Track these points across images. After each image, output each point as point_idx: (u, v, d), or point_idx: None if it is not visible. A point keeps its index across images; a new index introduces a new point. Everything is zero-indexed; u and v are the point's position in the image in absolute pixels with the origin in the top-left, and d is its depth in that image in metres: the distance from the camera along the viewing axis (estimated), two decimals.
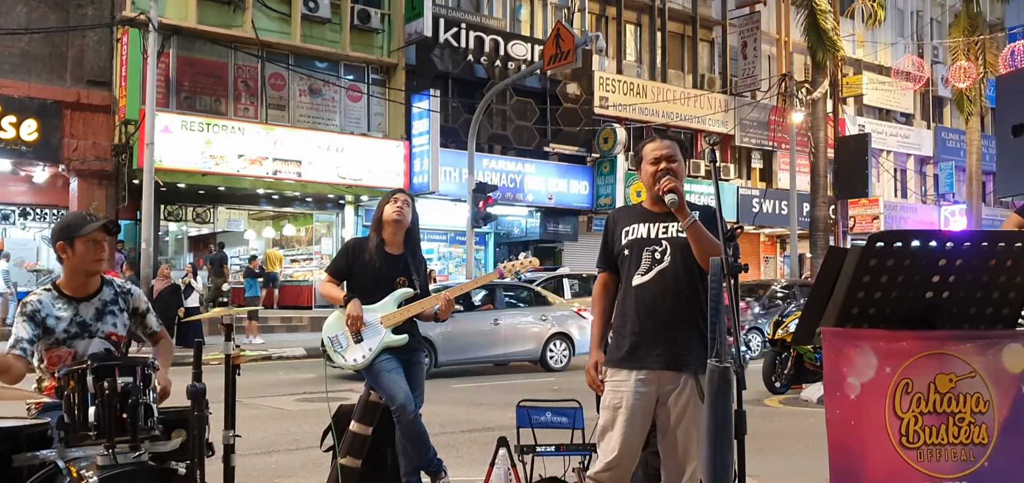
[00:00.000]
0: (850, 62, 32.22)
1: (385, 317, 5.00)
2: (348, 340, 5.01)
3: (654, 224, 3.60)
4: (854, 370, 2.73)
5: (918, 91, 35.42)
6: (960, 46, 29.25)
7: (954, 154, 36.53)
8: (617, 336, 3.58)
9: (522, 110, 25.18)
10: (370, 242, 5.12)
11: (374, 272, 5.04)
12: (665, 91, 28.55)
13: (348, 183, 21.32)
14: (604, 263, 3.74)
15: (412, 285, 5.10)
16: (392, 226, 5.09)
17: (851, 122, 32.70)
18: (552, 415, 5.38)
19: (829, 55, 25.58)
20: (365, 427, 5.03)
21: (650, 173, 3.58)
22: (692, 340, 3.49)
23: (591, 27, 26.84)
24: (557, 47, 20.19)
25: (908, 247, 2.71)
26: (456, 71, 23.88)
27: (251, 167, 20.05)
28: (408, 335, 5.03)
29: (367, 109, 22.66)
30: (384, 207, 5.13)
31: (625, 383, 3.50)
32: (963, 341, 2.81)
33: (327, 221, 23.42)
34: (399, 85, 22.64)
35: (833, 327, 2.79)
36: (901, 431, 2.72)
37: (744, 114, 30.19)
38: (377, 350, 4.96)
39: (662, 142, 3.62)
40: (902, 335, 2.78)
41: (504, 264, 5.28)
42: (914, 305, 2.80)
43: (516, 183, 24.48)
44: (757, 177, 32.12)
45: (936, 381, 2.76)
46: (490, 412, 9.94)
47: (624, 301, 3.57)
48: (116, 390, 3.06)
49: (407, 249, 5.16)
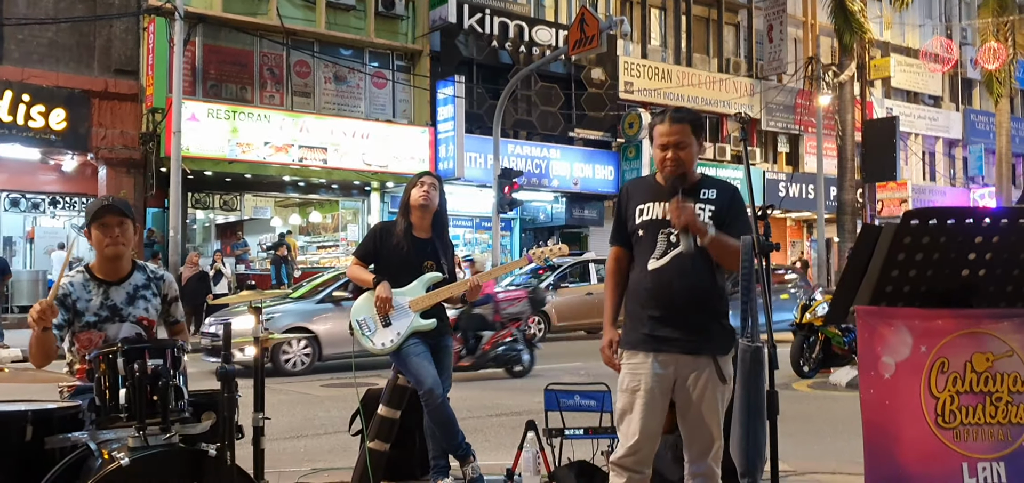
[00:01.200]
0: (877, 44, 31.79)
1: (414, 301, 4.99)
2: (376, 324, 5.01)
3: (668, 203, 3.50)
4: (889, 349, 2.68)
5: (947, 73, 34.92)
6: (989, 27, 28.78)
7: (983, 137, 35.99)
8: (633, 319, 3.54)
9: (547, 95, 25.10)
10: (397, 226, 5.11)
11: (402, 256, 5.03)
12: (690, 75, 28.34)
13: (374, 170, 21.36)
14: (618, 239, 3.67)
15: (440, 269, 5.09)
16: (419, 210, 5.08)
17: (879, 105, 32.29)
18: (580, 398, 5.36)
19: (856, 37, 25.25)
20: (393, 411, 5.04)
21: (659, 159, 3.53)
22: (709, 323, 3.47)
23: (615, 11, 26.67)
24: (581, 32, 20.10)
25: (943, 224, 2.66)
26: (481, 57, 23.83)
27: (277, 154, 20.13)
28: (436, 320, 5.03)
29: (392, 96, 22.65)
30: (411, 191, 5.12)
31: (642, 366, 3.47)
32: (1000, 320, 2.77)
33: (353, 208, 23.49)
34: (424, 71, 22.62)
35: (867, 306, 2.74)
36: (937, 411, 2.68)
37: (770, 98, 29.90)
38: (405, 334, 4.95)
39: (672, 125, 3.50)
40: (938, 314, 2.74)
41: (534, 250, 5.26)
42: (950, 283, 2.75)
43: (541, 168, 24.43)
44: (783, 161, 31.82)
45: (972, 360, 2.72)
46: (518, 396, 9.94)
47: (639, 284, 3.52)
48: (147, 372, 3.07)
49: (434, 233, 5.15)
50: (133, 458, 2.97)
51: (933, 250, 2.68)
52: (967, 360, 2.71)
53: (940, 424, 2.68)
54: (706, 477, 3.46)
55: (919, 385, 2.69)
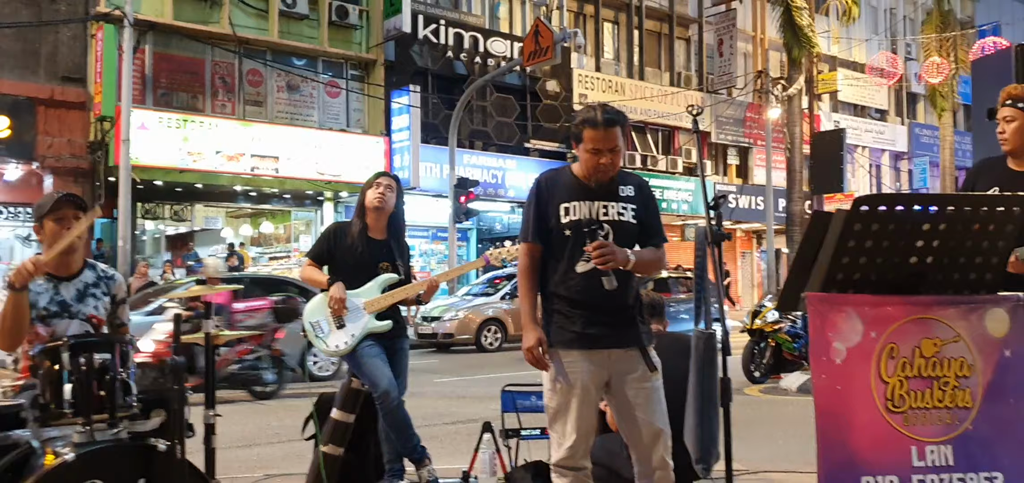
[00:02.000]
0: (825, 59, 32.42)
1: (368, 303, 4.94)
2: (330, 325, 4.95)
3: (594, 203, 3.49)
4: (839, 335, 2.72)
5: (892, 87, 35.73)
6: (933, 43, 29.57)
7: (928, 150, 36.87)
8: (563, 318, 3.49)
9: (503, 106, 25.14)
10: (353, 227, 5.07)
11: (356, 257, 4.98)
12: (642, 88, 28.62)
13: (327, 179, 21.17)
14: (535, 235, 3.57)
15: (396, 270, 5.05)
16: (374, 212, 5.03)
17: (826, 118, 32.90)
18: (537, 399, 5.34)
19: (804, 52, 25.75)
20: (347, 415, 4.98)
21: (590, 163, 3.46)
22: (635, 316, 3.47)
23: (569, 24, 26.84)
24: (536, 44, 20.17)
25: (892, 212, 2.71)
26: (436, 67, 23.80)
27: (229, 164, 19.84)
28: (392, 321, 4.98)
29: (346, 105, 22.48)
30: (367, 192, 5.07)
31: (575, 363, 3.44)
32: (947, 306, 2.82)
33: (306, 218, 23.25)
34: (378, 81, 22.50)
35: (818, 292, 2.78)
36: (887, 395, 2.72)
37: (720, 111, 30.30)
38: (360, 336, 4.90)
39: (605, 130, 3.42)
40: (887, 300, 2.79)
41: (491, 251, 5.25)
42: (899, 270, 2.80)
43: (498, 178, 24.42)
44: (734, 173, 32.26)
45: (921, 346, 2.77)
46: (474, 405, 9.88)
47: (566, 284, 3.48)
48: (93, 367, 3.00)
49: (390, 235, 5.11)
50: (79, 454, 2.89)
51: (882, 238, 2.73)
52: (916, 346, 2.77)
53: (890, 408, 2.72)
54: (660, 469, 3.43)
55: (869, 370, 2.73)
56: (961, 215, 2.76)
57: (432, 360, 14.62)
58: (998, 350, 2.84)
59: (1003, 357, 2.84)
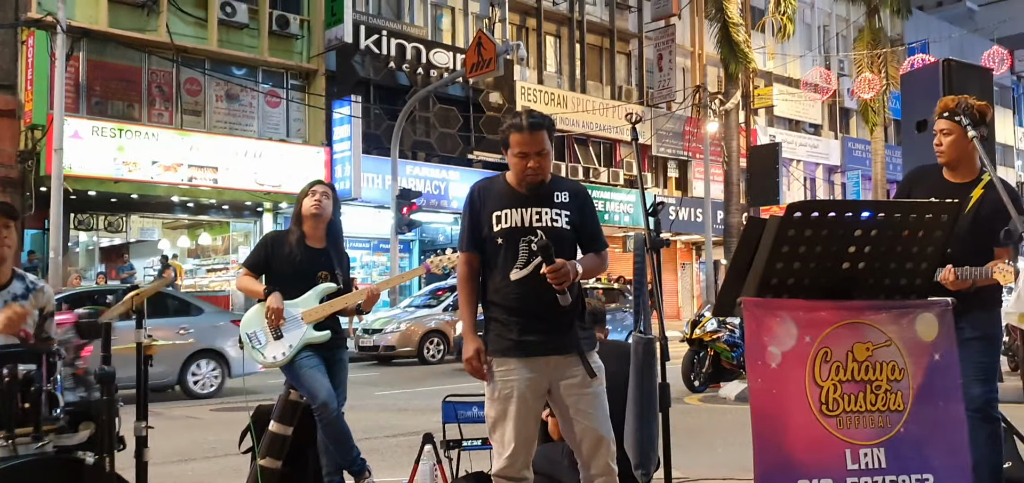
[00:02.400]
0: (761, 74, 33.07)
1: (306, 313, 4.87)
2: (267, 336, 4.86)
3: (527, 210, 3.48)
4: (775, 339, 2.76)
5: (826, 102, 36.59)
6: (864, 59, 30.35)
7: (860, 163, 37.83)
8: (500, 326, 3.49)
9: (445, 117, 25.11)
10: (290, 235, 4.99)
11: (294, 266, 4.90)
12: (584, 101, 28.84)
13: (266, 190, 20.92)
14: (470, 245, 3.58)
15: (334, 279, 4.98)
16: (312, 220, 4.96)
17: (762, 132, 33.56)
18: (479, 409, 5.31)
19: (741, 67, 26.22)
20: (285, 427, 4.89)
21: (518, 168, 3.46)
22: (571, 322, 3.46)
23: (512, 37, 26.97)
24: (479, 56, 20.21)
25: (825, 218, 2.75)
26: (378, 78, 23.71)
27: (165, 174, 19.49)
28: (330, 331, 4.92)
29: (286, 115, 22.31)
30: (302, 200, 5.01)
31: (513, 372, 3.44)
32: (879, 311, 2.88)
33: (244, 230, 22.94)
34: (319, 91, 22.33)
35: (754, 297, 2.81)
36: (821, 399, 2.76)
37: (660, 125, 30.69)
38: (298, 347, 4.83)
39: (532, 134, 3.42)
40: (821, 305, 2.83)
41: (431, 259, 5.20)
42: (831, 275, 2.85)
43: (440, 190, 24.38)
44: (673, 186, 32.67)
45: (854, 350, 2.81)
46: (415, 417, 9.82)
47: (504, 292, 3.48)
48: (17, 378, 2.88)
49: (329, 242, 5.04)
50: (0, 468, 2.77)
51: (815, 243, 2.77)
52: (849, 349, 2.81)
53: (824, 412, 2.76)
54: (604, 475, 3.42)
55: (804, 374, 2.76)
56: (892, 222, 2.81)
57: (373, 373, 14.47)
58: (928, 354, 2.90)
59: (932, 361, 2.90)
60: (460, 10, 26.67)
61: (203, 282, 23.15)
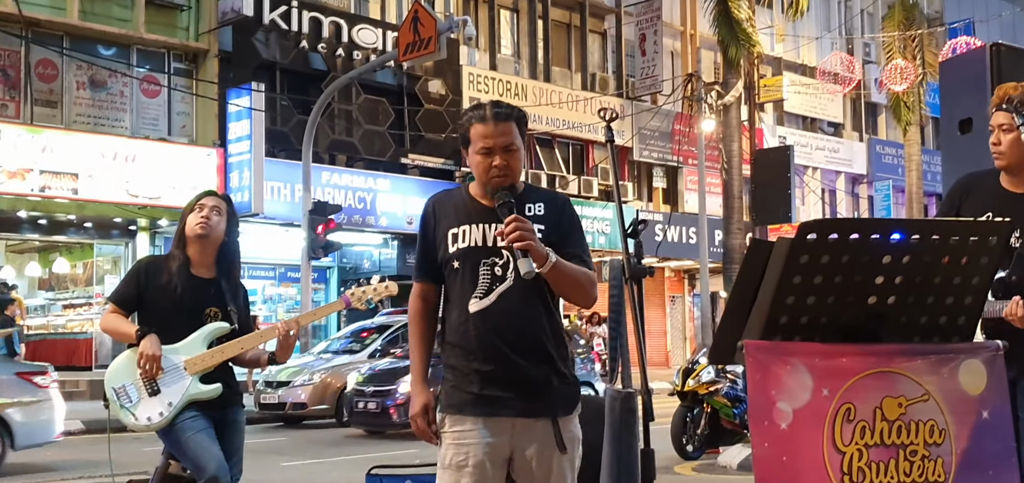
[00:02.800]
0: (768, 60, 33.55)
1: (191, 361, 4.83)
2: (140, 392, 4.82)
3: (490, 226, 3.48)
4: (785, 393, 2.77)
5: (848, 95, 37.20)
6: (895, 42, 30.95)
7: (891, 171, 38.49)
8: (457, 375, 3.48)
9: (373, 112, 25.07)
10: (171, 262, 4.94)
11: (175, 301, 4.86)
12: (549, 92, 28.99)
13: (141, 203, 20.76)
14: (423, 273, 3.61)
15: (227, 318, 4.94)
16: (197, 243, 4.92)
17: (770, 133, 34.01)
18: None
19: (743, 51, 26.53)
20: None
21: (482, 167, 3.49)
22: (549, 376, 3.47)
23: (458, 11, 27.04)
24: (415, 34, 20.19)
25: (846, 241, 2.78)
26: (286, 61, 23.64)
27: (10, 182, 19.30)
28: (221, 385, 4.87)
29: (168, 107, 22.18)
30: (187, 217, 4.97)
31: (470, 434, 3.43)
32: (913, 357, 2.90)
33: (113, 254, 22.71)
34: (210, 77, 22.23)
35: (758, 340, 2.82)
36: (843, 468, 2.77)
37: (643, 122, 30.95)
38: (179, 405, 4.78)
39: (495, 124, 3.48)
40: (842, 349, 2.85)
41: (352, 290, 5.18)
42: (855, 312, 2.87)
43: (366, 203, 24.32)
44: (660, 199, 32.94)
45: (883, 406, 2.83)
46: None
47: (459, 331, 3.48)
48: None
49: (220, 272, 5.00)
50: None
51: (835, 272, 2.79)
52: (877, 406, 2.83)
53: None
54: None
55: (821, 437, 2.77)
56: (928, 246, 2.84)
57: (278, 437, 14.32)
58: (974, 410, 2.94)
59: (980, 419, 2.94)
60: None
61: (58, 320, 22.80)
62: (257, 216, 21.60)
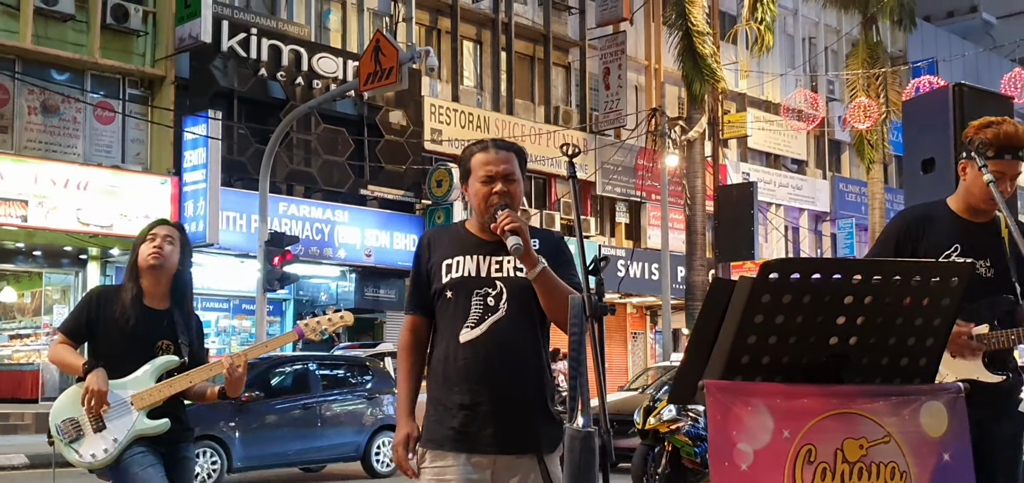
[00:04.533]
0: (733, 96, 33.89)
1: (138, 396, 4.77)
2: (86, 427, 4.75)
3: (484, 258, 3.56)
4: (745, 434, 2.78)
5: (812, 133, 37.63)
6: (859, 80, 31.37)
7: (854, 209, 38.95)
8: (440, 408, 3.53)
9: (332, 142, 25.01)
10: (124, 293, 4.89)
11: (127, 333, 4.81)
12: (512, 125, 29.07)
13: (93, 231, 20.60)
14: (415, 305, 3.69)
15: (178, 351, 4.89)
16: (150, 273, 4.88)
17: (734, 169, 34.31)
18: None
19: (707, 87, 26.80)
20: None
21: (482, 195, 3.56)
22: (534, 412, 3.51)
23: (420, 41, 27.12)
24: (376, 64, 20.19)
25: (808, 281, 2.80)
26: (244, 89, 23.55)
27: None
28: (169, 420, 4.81)
29: (122, 134, 22.11)
30: (139, 247, 4.92)
31: (450, 469, 3.47)
32: (875, 398, 2.93)
33: (62, 283, 22.50)
34: (166, 103, 22.17)
35: (719, 380, 2.83)
36: None
37: (607, 156, 31.12)
38: (126, 441, 4.73)
39: (497, 152, 3.61)
40: (803, 390, 2.87)
41: (306, 321, 5.15)
42: (816, 353, 2.89)
43: (324, 235, 24.25)
44: (623, 234, 33.07)
45: (844, 448, 2.85)
46: None
47: (447, 361, 3.53)
48: None
49: (173, 302, 4.96)
50: None
51: (796, 312, 2.81)
52: (838, 447, 2.84)
53: None
54: None
55: (782, 478, 2.78)
56: (890, 286, 2.87)
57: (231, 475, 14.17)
58: (936, 453, 2.96)
59: (942, 462, 2.96)
60: (353, 5, 26.73)
61: (4, 351, 22.48)
62: (212, 246, 21.51)
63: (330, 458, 14.62)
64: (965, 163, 4.06)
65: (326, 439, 14.13)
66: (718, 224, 28.34)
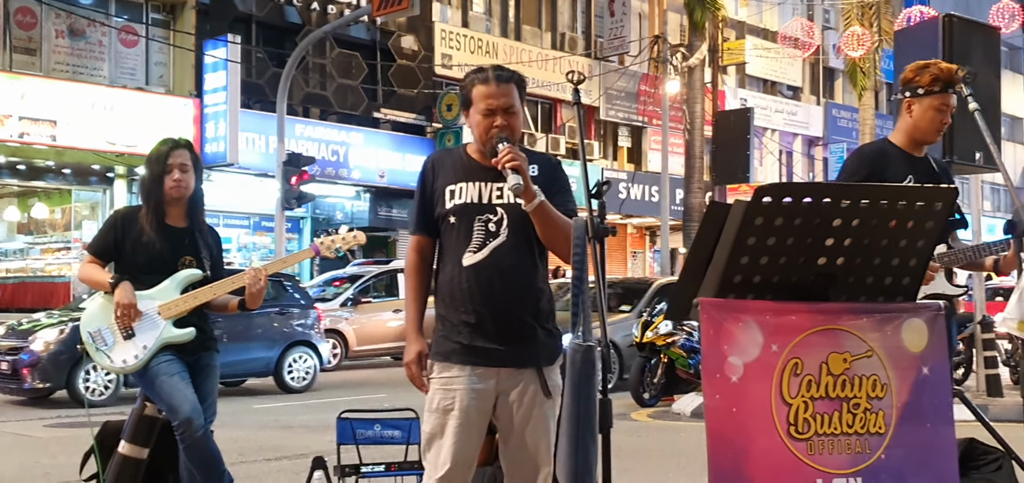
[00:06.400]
0: (732, 24, 33.61)
1: (165, 306, 4.83)
2: (115, 336, 4.82)
3: (486, 184, 3.57)
4: (736, 348, 2.82)
5: (808, 60, 37.36)
6: (853, 10, 31.03)
7: (846, 135, 38.77)
8: (446, 325, 3.58)
9: (346, 66, 24.91)
10: (145, 214, 4.92)
11: (152, 253, 4.86)
12: (519, 51, 28.90)
13: (119, 151, 20.61)
14: (421, 226, 3.69)
15: (201, 265, 4.94)
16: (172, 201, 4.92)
17: (732, 95, 34.12)
18: (382, 428, 5.37)
19: (708, 14, 26.57)
20: (139, 449, 4.86)
21: (483, 127, 3.54)
22: (535, 329, 3.56)
23: None
24: None
25: (799, 204, 2.82)
26: (262, 14, 23.46)
27: None
28: (195, 329, 4.88)
29: (146, 57, 22.03)
30: (157, 175, 4.95)
31: (457, 380, 3.52)
32: (859, 315, 2.96)
33: (91, 200, 22.54)
34: (188, 28, 22.05)
35: (713, 297, 2.87)
36: (789, 419, 2.83)
37: (611, 82, 30.94)
38: (154, 348, 4.79)
39: (497, 84, 3.55)
40: (791, 307, 2.90)
41: (321, 239, 5.19)
42: (805, 273, 2.92)
43: (339, 156, 24.24)
44: (624, 158, 33.00)
45: (829, 361, 2.89)
46: (303, 436, 9.81)
47: (452, 283, 3.56)
48: None
49: (191, 219, 4.99)
50: None
51: (787, 234, 2.83)
52: (823, 361, 2.88)
53: (793, 435, 2.83)
54: None
55: (770, 390, 2.82)
56: (877, 210, 2.89)
57: (252, 380, 14.33)
58: (916, 367, 3.00)
59: (921, 375, 3.00)
60: None
61: (37, 264, 22.61)
62: (232, 166, 21.56)
63: (240, 373, 13.98)
64: (909, 101, 4.46)
65: (235, 354, 13.03)
66: (716, 148, 28.24)
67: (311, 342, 14.38)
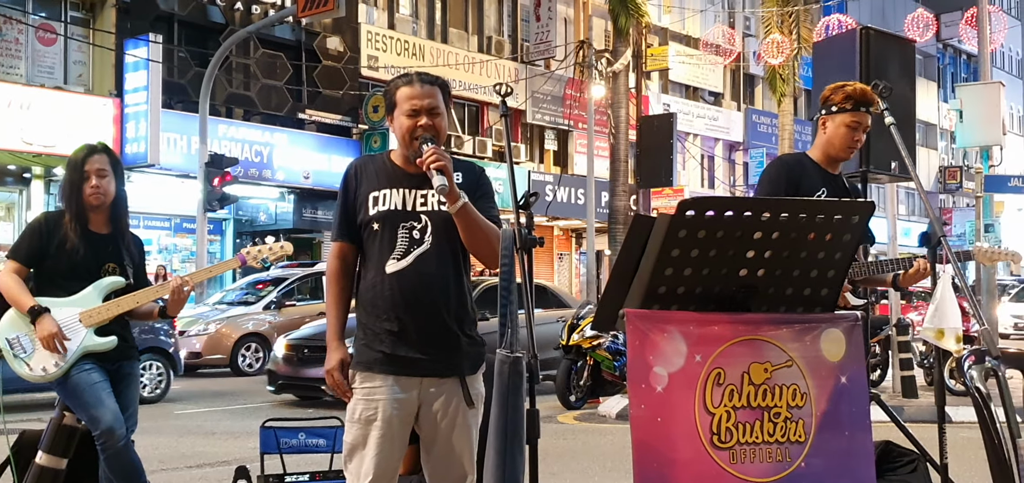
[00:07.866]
0: (655, 30, 33.94)
1: (86, 314, 4.75)
2: (34, 343, 4.71)
3: (410, 191, 3.56)
4: (661, 358, 2.86)
5: (729, 67, 37.97)
6: (773, 18, 31.63)
7: (765, 140, 39.47)
8: (368, 334, 3.56)
9: (271, 66, 24.68)
10: (68, 220, 4.83)
11: (75, 261, 4.77)
12: (446, 54, 28.90)
13: (36, 151, 20.21)
14: (343, 233, 3.64)
15: (123, 273, 4.86)
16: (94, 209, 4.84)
17: (655, 100, 34.49)
18: (306, 437, 5.34)
19: (632, 21, 26.78)
20: (57, 459, 4.77)
21: (406, 128, 3.54)
22: (458, 337, 3.56)
23: None
24: None
25: (721, 217, 2.87)
26: (184, 13, 23.18)
27: None
28: (116, 338, 4.80)
29: (64, 56, 21.63)
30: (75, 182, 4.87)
31: (379, 390, 3.50)
32: (779, 325, 3.03)
33: (7, 201, 22.04)
34: (108, 26, 21.73)
35: (638, 308, 2.91)
36: (712, 428, 2.88)
37: (537, 86, 31.09)
38: (74, 356, 4.70)
39: (421, 86, 3.55)
40: (714, 318, 2.96)
41: (248, 249, 5.14)
42: (727, 284, 2.98)
43: (263, 157, 24.02)
44: (551, 161, 33.17)
45: (750, 371, 2.95)
46: (226, 443, 9.73)
47: (375, 290, 3.54)
48: None
49: (114, 225, 4.91)
50: None
51: (710, 246, 2.89)
52: (744, 371, 2.94)
53: (716, 444, 2.88)
54: None
55: (693, 399, 2.88)
56: (796, 223, 2.96)
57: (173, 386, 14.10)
58: (834, 376, 3.08)
59: (839, 384, 3.08)
60: None
61: None
62: (153, 167, 21.23)
63: None
64: (825, 118, 4.58)
65: None
66: (640, 152, 28.51)
67: (163, 348, 12.99)
